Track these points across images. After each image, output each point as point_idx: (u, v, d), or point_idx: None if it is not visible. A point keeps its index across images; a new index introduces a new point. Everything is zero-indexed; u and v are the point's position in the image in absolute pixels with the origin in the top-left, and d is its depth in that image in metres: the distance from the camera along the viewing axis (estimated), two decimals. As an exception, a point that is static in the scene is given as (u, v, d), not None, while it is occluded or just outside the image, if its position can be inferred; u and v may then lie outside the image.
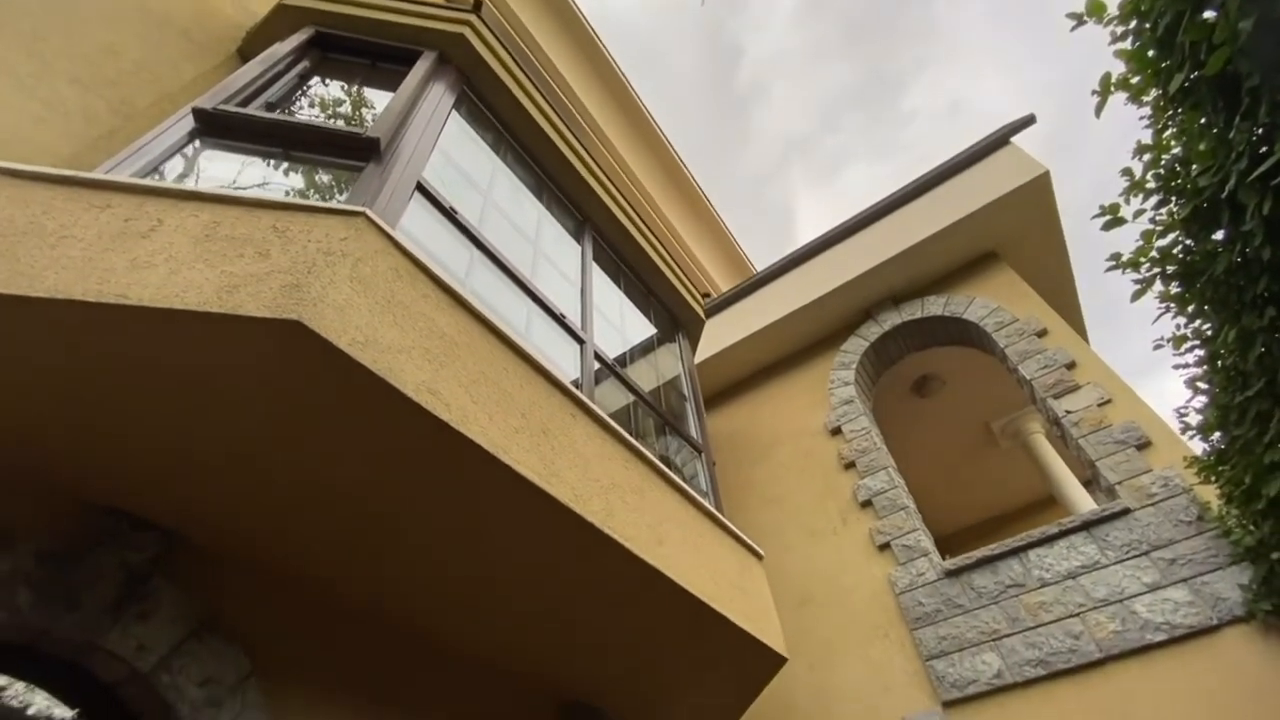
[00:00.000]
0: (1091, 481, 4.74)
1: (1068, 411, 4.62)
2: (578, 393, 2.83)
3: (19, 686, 2.03)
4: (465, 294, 2.38)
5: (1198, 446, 3.55)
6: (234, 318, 1.66)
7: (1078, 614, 3.90)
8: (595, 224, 4.56)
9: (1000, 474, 8.29)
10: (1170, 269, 2.38)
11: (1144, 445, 4.23)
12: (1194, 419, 3.04)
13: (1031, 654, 3.91)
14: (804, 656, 4.73)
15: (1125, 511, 4.06)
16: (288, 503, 2.25)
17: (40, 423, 1.94)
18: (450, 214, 2.91)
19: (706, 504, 3.55)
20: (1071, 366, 4.82)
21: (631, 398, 4.01)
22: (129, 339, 1.74)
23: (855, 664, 4.53)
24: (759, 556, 3.87)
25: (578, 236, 4.37)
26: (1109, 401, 4.53)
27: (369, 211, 2.13)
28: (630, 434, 3.14)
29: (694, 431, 4.61)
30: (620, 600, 2.89)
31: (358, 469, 2.15)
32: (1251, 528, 3.32)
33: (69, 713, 2.09)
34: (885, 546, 4.88)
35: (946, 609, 4.35)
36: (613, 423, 2.99)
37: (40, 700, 2.06)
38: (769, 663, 3.54)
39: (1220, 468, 3.20)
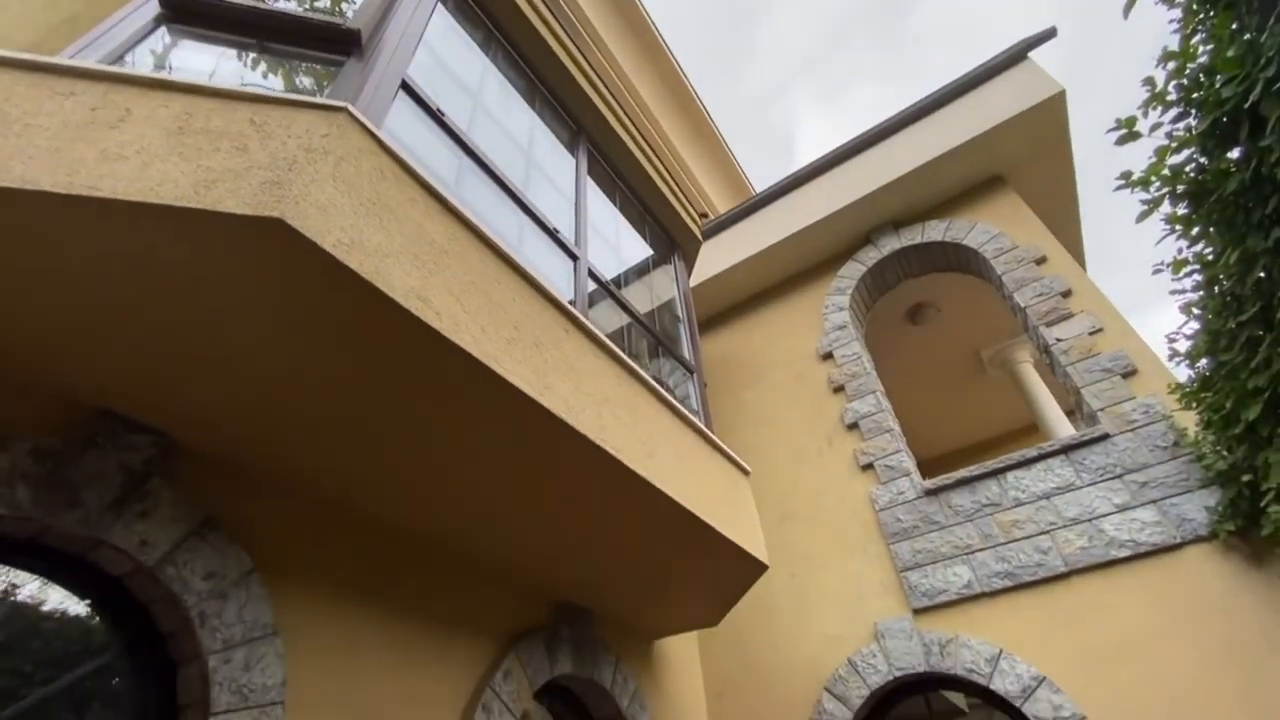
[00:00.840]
0: (1074, 410, 4.84)
1: (1058, 339, 4.65)
2: (571, 308, 2.80)
3: (34, 586, 2.10)
4: (454, 201, 2.30)
5: (1183, 374, 3.60)
6: (212, 214, 1.60)
7: (1048, 531, 4.08)
8: (590, 135, 4.38)
9: (986, 402, 8.45)
10: (1180, 188, 2.32)
11: (1130, 374, 4.28)
12: (1183, 345, 3.06)
13: (1001, 567, 4.12)
14: (785, 566, 4.97)
15: (1104, 437, 4.17)
16: (280, 407, 2.26)
17: (26, 322, 1.91)
18: (437, 116, 2.77)
19: (697, 422, 3.61)
20: (1067, 295, 4.81)
21: (626, 320, 3.99)
22: (106, 235, 1.68)
23: (834, 574, 4.76)
24: (745, 472, 3.98)
25: (572, 148, 4.20)
26: (1100, 330, 4.55)
27: (351, 108, 2.02)
28: (624, 354, 3.14)
29: (687, 353, 4.63)
30: (611, 509, 2.99)
31: (348, 376, 2.14)
32: (1225, 453, 3.42)
33: (83, 608, 2.18)
34: (868, 467, 5.02)
35: (923, 525, 4.53)
36: (606, 339, 2.98)
37: (55, 596, 2.14)
38: (751, 570, 3.72)
39: (1203, 394, 3.26)
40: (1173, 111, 2.22)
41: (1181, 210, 2.39)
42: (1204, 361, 2.98)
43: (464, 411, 2.33)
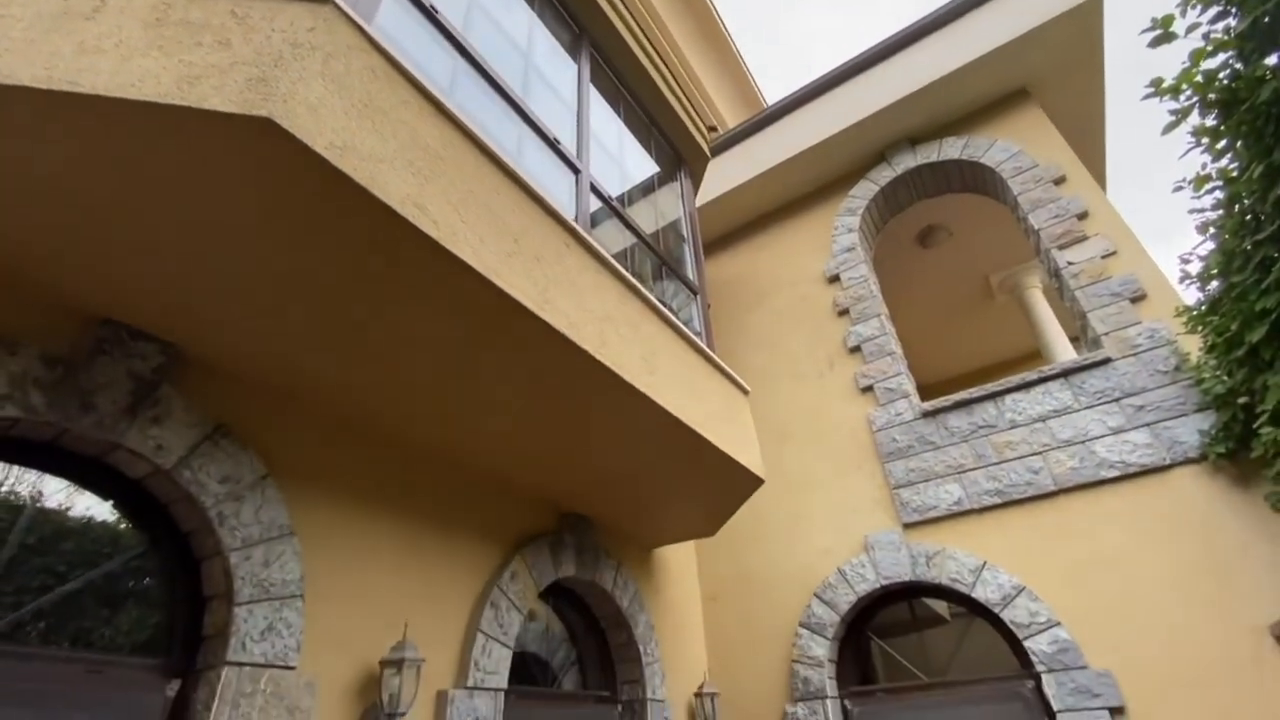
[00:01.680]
0: (1079, 336, 4.81)
1: (1070, 263, 4.57)
2: (573, 222, 2.75)
3: (62, 492, 2.18)
4: (450, 105, 2.21)
5: (1192, 297, 3.55)
6: (197, 111, 1.55)
7: (1040, 453, 4.16)
8: (593, 38, 4.14)
9: (991, 329, 8.42)
10: (1211, 96, 2.20)
11: (1138, 298, 4.23)
12: (1196, 267, 3.00)
13: (991, 485, 4.24)
14: (781, 484, 5.12)
15: (1106, 361, 4.17)
16: (278, 319, 2.28)
17: (16, 228, 1.89)
18: (430, 13, 2.62)
19: (699, 341, 3.63)
20: (1083, 216, 4.68)
21: (629, 242, 3.92)
22: (89, 134, 1.64)
23: (829, 491, 4.92)
24: (745, 392, 4.03)
25: (574, 53, 3.99)
26: (1113, 254, 4.46)
27: (338, 0, 1.91)
28: (626, 273, 3.11)
29: (691, 274, 4.58)
30: (612, 424, 3.06)
31: (345, 287, 2.14)
32: (1225, 376, 3.43)
33: (108, 509, 2.28)
34: (868, 389, 5.08)
35: (919, 445, 4.63)
36: (608, 256, 2.94)
37: (82, 500, 2.23)
38: (747, 484, 3.84)
39: (1209, 318, 3.23)
40: (1213, 10, 2.07)
41: (1210, 121, 2.28)
42: (1214, 284, 2.93)
43: (464, 326, 2.34)
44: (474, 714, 2.87)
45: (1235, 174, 2.37)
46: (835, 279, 5.73)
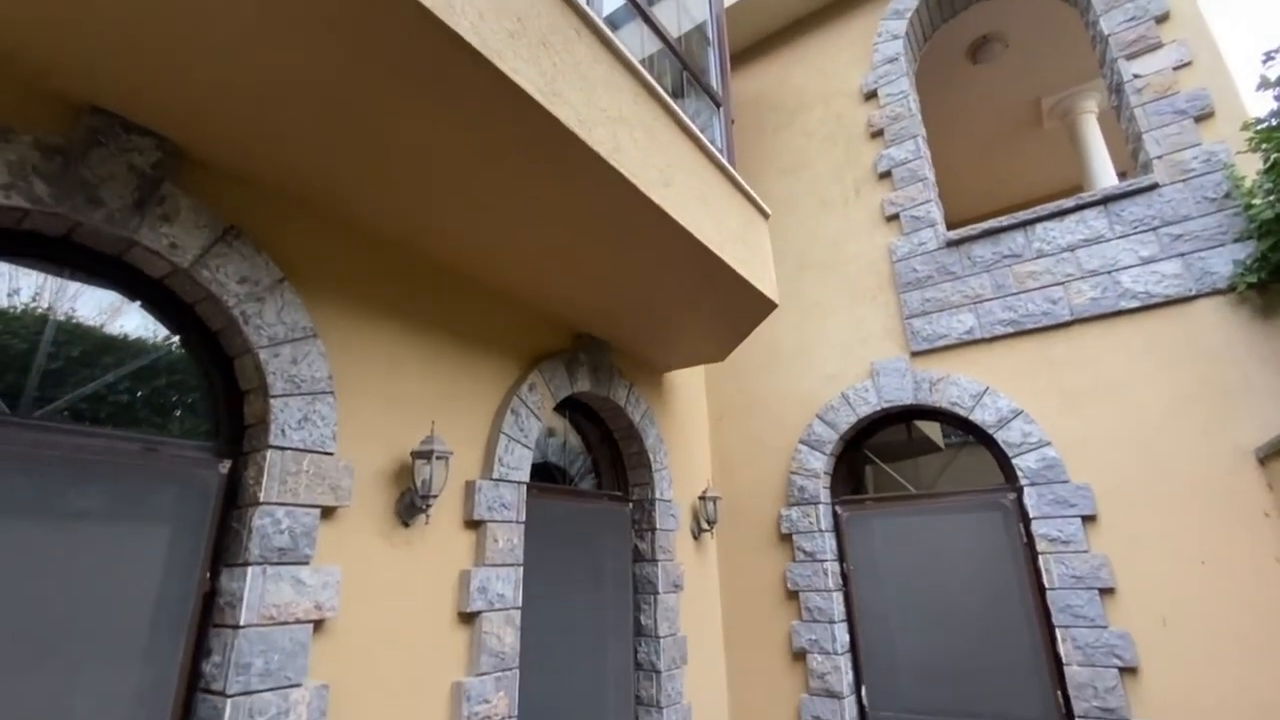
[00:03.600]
0: (1130, 162, 4.47)
1: (1136, 75, 4.12)
2: (582, 4, 2.46)
3: (97, 303, 2.22)
4: None
5: (1265, 107, 3.22)
6: None
7: (1063, 283, 4.08)
8: None
9: (1032, 163, 7.86)
10: None
11: (1203, 116, 3.87)
12: (1276, 70, 2.68)
13: (1006, 315, 4.22)
14: (794, 313, 5.15)
15: (1152, 187, 3.93)
16: (278, 111, 2.15)
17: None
18: None
19: (719, 156, 3.43)
20: (1163, 19, 4.13)
21: (647, 51, 3.53)
22: None
23: (840, 321, 4.95)
24: (765, 215, 3.90)
25: None
26: (1186, 65, 4.00)
27: None
28: (642, 69, 2.84)
29: (715, 84, 4.21)
30: (626, 239, 2.99)
31: (343, 71, 1.98)
32: (1277, 201, 3.23)
33: (138, 311, 2.33)
34: (894, 218, 4.89)
35: (938, 275, 4.55)
36: (622, 48, 2.67)
37: (119, 322, 2.28)
38: (760, 308, 3.86)
39: (1277, 133, 2.96)
40: None
41: None
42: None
43: (467, 118, 2.19)
44: (499, 501, 3.18)
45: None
46: (872, 95, 5.26)
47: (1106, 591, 3.55)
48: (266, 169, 2.46)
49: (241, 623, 2.11)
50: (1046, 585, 3.69)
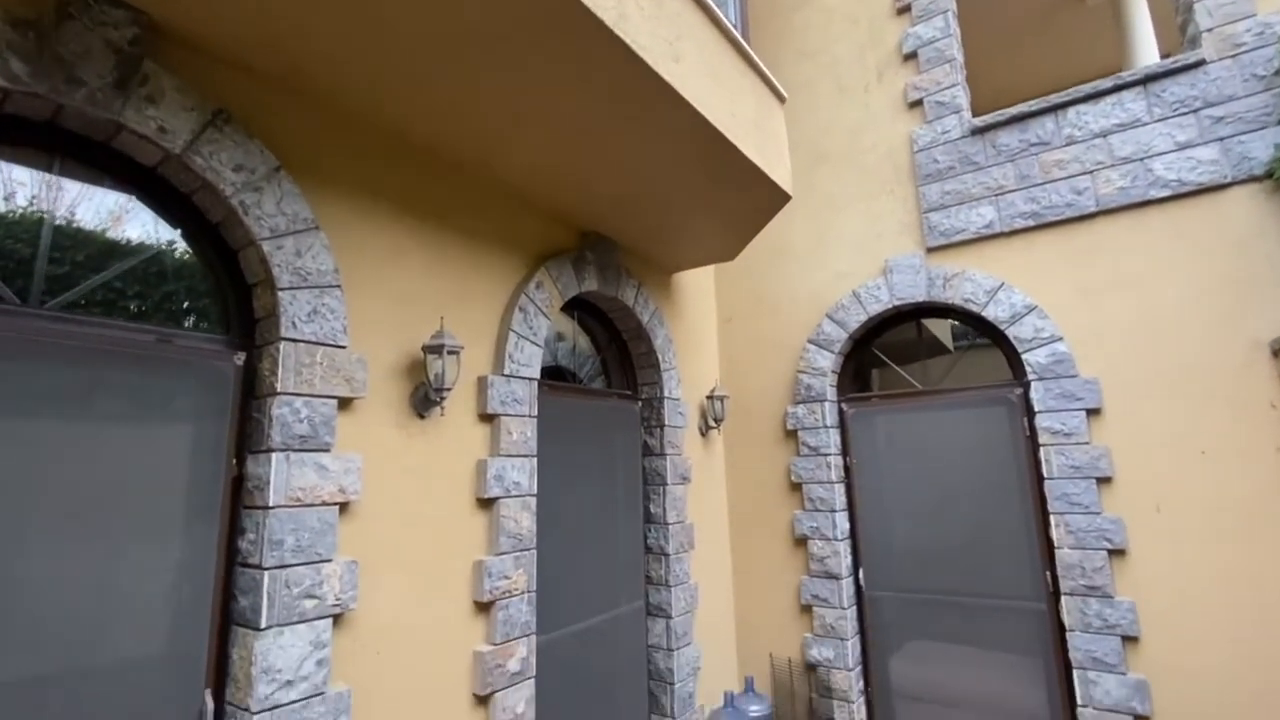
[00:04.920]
0: (1169, 54, 4.13)
1: (1196, -67, 3.72)
2: None
3: (98, 205, 2.14)
4: None
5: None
6: None
7: (1091, 171, 3.90)
8: None
9: (1070, 44, 7.28)
10: None
11: (1267, -20, 3.52)
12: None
13: (1028, 207, 4.07)
14: (807, 208, 4.99)
15: (1198, 64, 3.66)
16: (256, -25, 1.99)
17: None
18: None
19: (733, 30, 3.18)
20: None
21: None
22: None
23: (855, 216, 4.80)
24: (781, 99, 3.68)
25: None
26: (1257, -82, 3.60)
27: None
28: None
29: (727, -50, 3.84)
30: (633, 122, 2.85)
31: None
32: (1334, 75, 3.00)
33: (137, 203, 2.27)
34: (917, 104, 4.61)
35: (960, 166, 4.36)
36: (627, -99, 2.41)
37: (124, 228, 2.21)
38: (773, 200, 3.73)
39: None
40: None
41: None
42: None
43: (463, -16, 2.02)
44: (512, 396, 3.23)
45: None
46: (899, -35, 4.81)
47: (1104, 481, 3.65)
48: (252, 50, 2.31)
49: (271, 504, 2.21)
50: (1045, 475, 3.80)
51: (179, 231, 2.38)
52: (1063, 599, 3.67)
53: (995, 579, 4.03)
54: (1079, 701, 3.55)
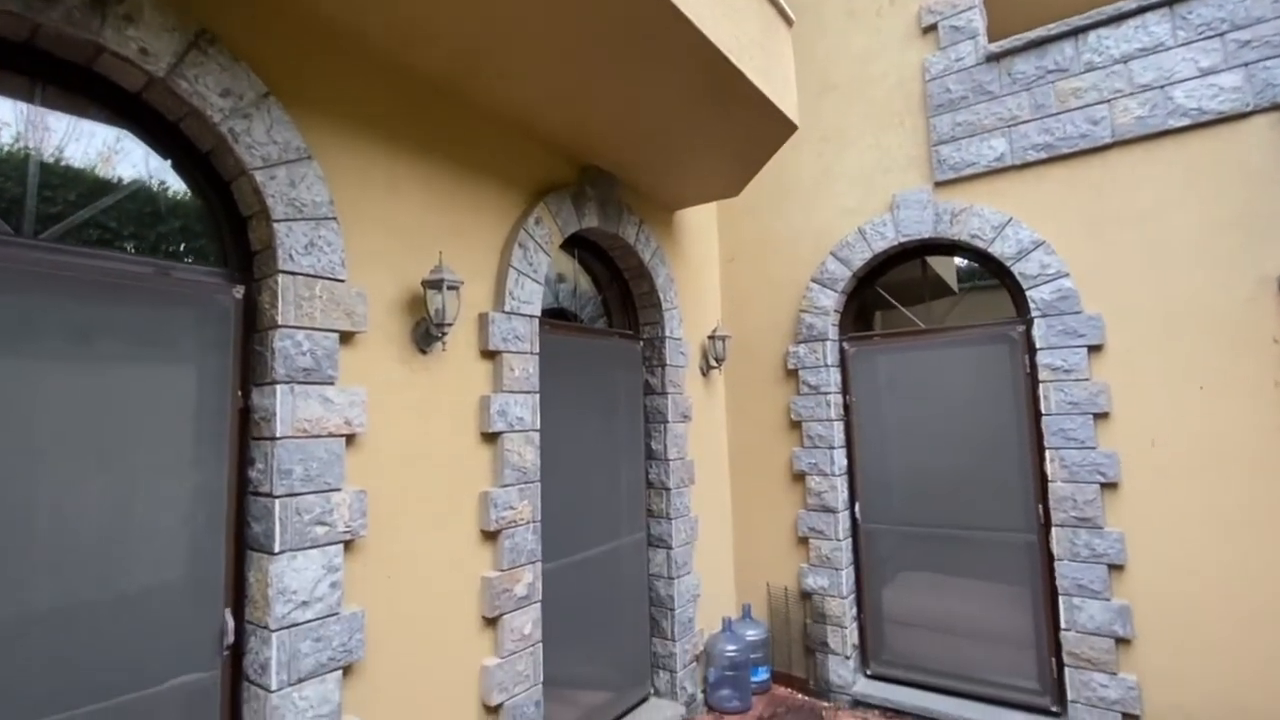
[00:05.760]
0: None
1: None
2: None
3: (93, 142, 2.08)
4: None
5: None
6: None
7: (1109, 100, 3.76)
8: None
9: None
10: None
11: (1311, -113, 3.30)
12: None
13: (1041, 139, 3.95)
14: (813, 142, 4.86)
15: (1230, -18, 3.46)
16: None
17: None
18: None
19: (738, -55, 3.01)
20: None
21: None
22: None
23: (862, 149, 4.67)
24: (789, 21, 3.52)
25: None
26: None
27: None
28: None
29: None
30: (633, 42, 2.73)
31: None
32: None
33: (128, 137, 2.21)
34: (931, 28, 4.41)
35: (973, 96, 4.20)
36: None
37: (115, 164, 2.14)
38: (778, 131, 3.62)
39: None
40: None
41: None
42: None
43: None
44: (513, 333, 3.24)
45: None
46: (918, -127, 4.51)
47: (1101, 416, 3.68)
48: (230, -38, 2.20)
49: (278, 435, 2.25)
50: (1043, 412, 3.83)
51: (169, 162, 2.32)
52: (1053, 530, 3.77)
53: (988, 513, 4.13)
54: (1063, 625, 3.71)
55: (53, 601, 1.88)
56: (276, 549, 2.21)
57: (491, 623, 3.03)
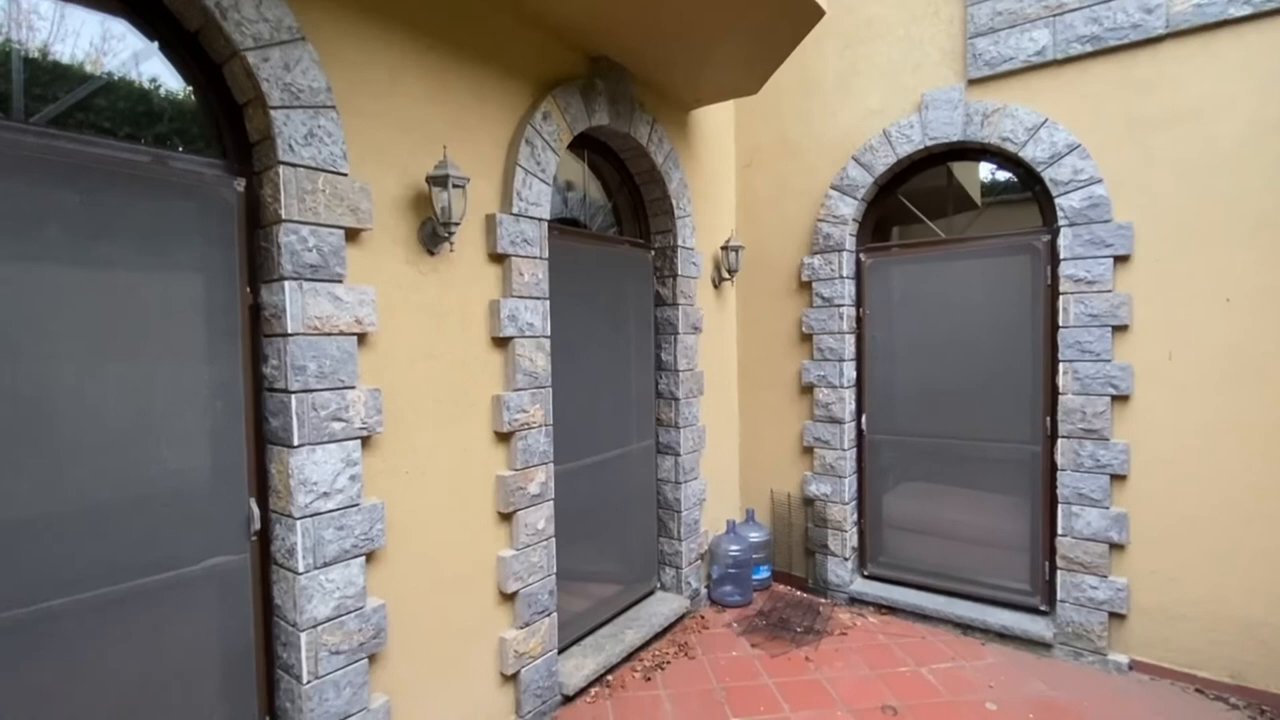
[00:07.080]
0: None
1: None
2: None
3: (82, 39, 1.92)
4: None
5: None
6: None
7: (1168, -16, 3.43)
8: None
9: None
10: None
11: None
12: None
13: (1088, 30, 3.65)
14: (839, 35, 4.53)
15: None
16: None
17: None
18: None
19: None
20: None
21: None
22: None
23: (892, 44, 4.35)
24: (820, -111, 3.17)
25: None
26: None
27: None
28: None
29: None
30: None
31: None
32: None
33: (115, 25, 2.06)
34: (976, -99, 3.97)
35: (1017, -20, 3.85)
36: None
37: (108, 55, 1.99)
38: (804, 16, 3.36)
39: None
40: None
41: None
42: None
43: None
44: (521, 236, 3.16)
45: None
46: None
47: (1120, 329, 3.62)
48: None
49: (289, 331, 2.24)
50: (1061, 324, 3.77)
51: (156, 44, 2.18)
52: (1059, 441, 3.80)
53: (994, 424, 4.16)
54: (1059, 531, 3.81)
55: (85, 487, 1.94)
56: (295, 442, 2.26)
57: (507, 518, 3.15)
